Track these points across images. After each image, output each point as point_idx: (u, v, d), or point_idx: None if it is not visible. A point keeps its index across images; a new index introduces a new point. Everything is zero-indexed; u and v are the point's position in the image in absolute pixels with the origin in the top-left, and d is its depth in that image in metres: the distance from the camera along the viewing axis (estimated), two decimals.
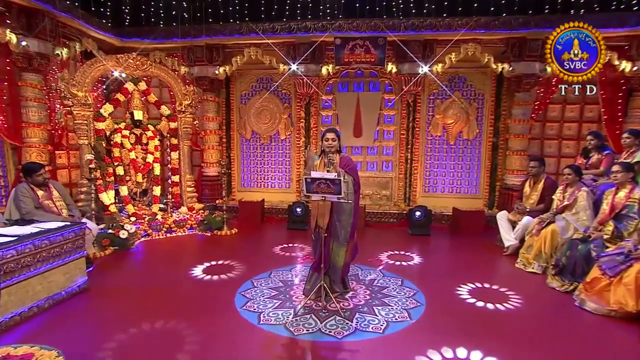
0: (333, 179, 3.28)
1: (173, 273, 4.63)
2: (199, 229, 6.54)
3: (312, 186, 3.35)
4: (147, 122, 6.79)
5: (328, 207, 3.52)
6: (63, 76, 5.77)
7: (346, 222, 3.54)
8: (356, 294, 4.08)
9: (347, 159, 3.62)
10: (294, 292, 4.12)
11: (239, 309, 3.72)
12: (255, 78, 8.03)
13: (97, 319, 3.51)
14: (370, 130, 7.70)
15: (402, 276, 4.63)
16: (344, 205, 3.52)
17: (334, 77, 7.68)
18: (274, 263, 4.98)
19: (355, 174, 3.62)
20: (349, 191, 3.53)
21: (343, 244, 3.61)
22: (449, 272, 4.83)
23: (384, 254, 5.47)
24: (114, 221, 5.72)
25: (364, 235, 6.52)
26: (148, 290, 4.13)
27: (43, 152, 6.06)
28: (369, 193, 7.91)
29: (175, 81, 6.93)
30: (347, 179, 3.50)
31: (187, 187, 7.15)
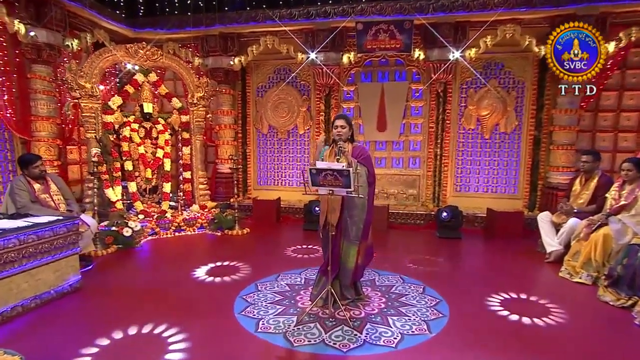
0: (341, 170, 3.04)
1: (174, 274, 4.53)
2: (209, 228, 6.43)
3: (318, 178, 3.14)
4: (157, 116, 6.74)
5: (338, 202, 3.33)
6: (70, 67, 5.79)
7: (358, 218, 3.34)
8: (370, 301, 3.78)
9: (360, 148, 3.43)
10: (300, 298, 3.87)
11: (237, 314, 3.51)
12: (273, 69, 7.89)
13: (82, 321, 3.38)
14: (396, 124, 7.38)
15: (424, 283, 4.26)
16: (355, 200, 3.31)
17: (356, 66, 7.41)
18: (284, 265, 4.78)
19: (370, 164, 3.42)
20: (362, 184, 3.31)
21: (354, 242, 3.40)
22: (479, 280, 4.42)
23: (405, 258, 5.15)
24: (120, 218, 5.65)
25: (386, 237, 6.31)
26: (144, 291, 4.03)
27: (52, 147, 6.12)
28: (394, 192, 7.56)
29: (187, 72, 6.85)
30: (359, 169, 3.28)
31: (199, 184, 7.05)
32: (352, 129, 3.42)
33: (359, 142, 3.57)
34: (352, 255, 3.43)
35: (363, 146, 3.47)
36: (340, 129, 3.36)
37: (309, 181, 3.17)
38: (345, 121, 3.39)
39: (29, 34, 5.57)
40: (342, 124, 3.37)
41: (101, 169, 5.83)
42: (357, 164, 3.25)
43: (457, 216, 6.37)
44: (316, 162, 3.22)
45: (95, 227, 4.84)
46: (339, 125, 3.36)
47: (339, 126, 3.36)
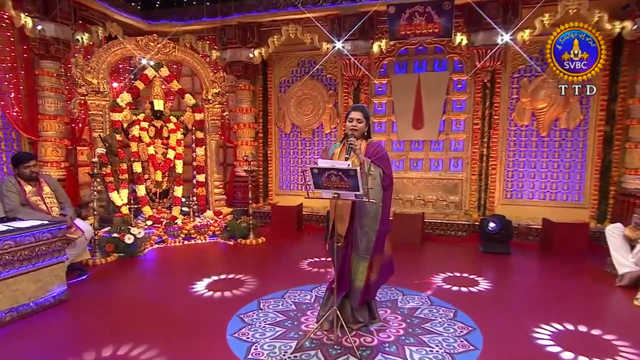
0: (347, 170, 2.79)
1: (172, 287, 4.43)
2: (222, 237, 6.33)
3: (320, 179, 2.91)
4: (169, 113, 6.72)
5: (347, 209, 3.12)
6: (77, 62, 5.89)
7: (370, 228, 3.09)
8: (387, 326, 3.41)
9: (376, 145, 3.19)
10: (305, 319, 3.58)
11: (229, 335, 3.27)
12: (296, 61, 7.76)
13: (58, 338, 3.27)
14: (435, 121, 6.99)
15: (457, 306, 3.83)
16: (367, 206, 3.05)
17: (389, 55, 7.12)
18: (295, 280, 4.55)
19: (386, 165, 3.15)
20: (375, 187, 3.04)
21: (364, 256, 3.14)
22: (526, 306, 3.91)
23: (439, 276, 4.76)
24: (124, 224, 5.62)
25: (419, 250, 5.98)
26: (135, 305, 3.93)
27: (59, 147, 6.23)
28: (433, 199, 7.13)
29: (202, 66, 6.82)
30: (372, 170, 3.03)
31: (214, 188, 6.99)
32: (369, 124, 3.23)
33: (375, 139, 3.32)
34: (361, 271, 3.18)
35: (379, 144, 3.26)
36: (356, 123, 3.15)
37: (310, 183, 2.96)
38: (362, 114, 3.18)
39: (36, 28, 5.70)
40: (358, 117, 3.16)
41: (106, 170, 5.83)
42: (370, 164, 3.02)
43: (506, 227, 5.83)
44: (318, 160, 3.00)
45: (90, 233, 4.79)
46: (355, 118, 3.15)
47: (355, 119, 3.14)
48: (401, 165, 7.29)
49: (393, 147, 7.31)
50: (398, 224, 6.19)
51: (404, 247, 5.92)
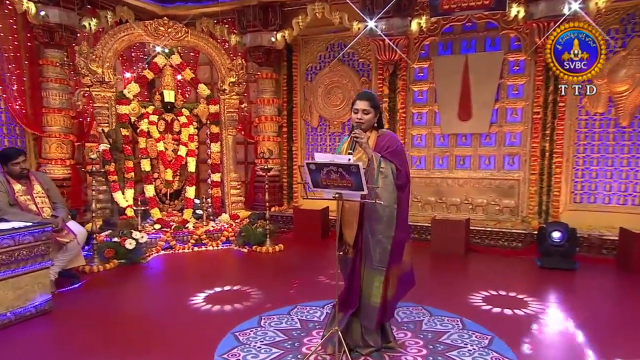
0: (347, 165, 2.66)
1: (170, 298, 4.43)
2: (236, 243, 6.28)
3: (319, 176, 2.81)
4: (180, 106, 6.76)
5: (355, 212, 3.02)
6: (81, 49, 6.01)
7: (383, 236, 2.94)
8: (403, 353, 3.17)
9: (388, 137, 3.07)
10: (309, 340, 3.43)
11: (217, 356, 3.17)
12: (324, 45, 7.68)
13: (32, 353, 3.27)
14: (485, 110, 6.66)
15: (495, 332, 3.49)
16: (378, 210, 2.91)
17: (431, 34, 6.84)
18: (307, 294, 4.39)
19: (401, 160, 3.00)
20: (386, 186, 2.90)
21: (379, 269, 2.98)
22: (590, 337, 3.50)
23: (479, 294, 4.43)
24: (129, 228, 5.68)
25: (462, 263, 5.70)
26: (125, 319, 3.94)
27: (64, 143, 6.42)
28: (483, 202, 6.76)
29: (218, 52, 6.82)
30: (383, 167, 2.90)
31: (231, 188, 6.97)
32: (379, 113, 3.13)
33: (387, 130, 3.18)
34: (376, 287, 3.01)
35: (392, 135, 3.12)
36: (361, 115, 3.03)
37: (308, 181, 2.89)
38: (369, 103, 3.05)
39: (39, 13, 5.89)
40: (364, 107, 3.03)
41: (109, 168, 5.92)
42: (380, 159, 2.90)
43: (572, 238, 5.35)
44: (315, 154, 2.92)
45: (84, 236, 4.84)
46: (360, 108, 3.03)
47: (360, 110, 3.03)
48: (445, 164, 7.02)
49: (436, 142, 7.06)
50: (438, 232, 5.98)
51: (443, 259, 5.72)
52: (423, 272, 5.31)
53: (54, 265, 4.42)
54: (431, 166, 7.07)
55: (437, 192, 7.03)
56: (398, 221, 2.95)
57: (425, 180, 7.10)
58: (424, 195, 7.11)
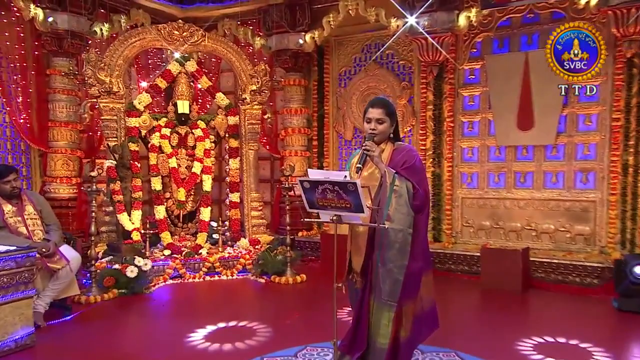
0: (343, 183, 2.65)
1: (167, 335, 4.41)
2: (253, 272, 6.21)
3: (314, 195, 2.83)
4: (196, 117, 6.79)
5: (364, 236, 3.03)
6: (89, 57, 6.15)
7: (395, 265, 2.90)
8: None
9: (405, 151, 3.04)
10: None
11: None
12: (359, 46, 7.65)
13: None
14: (551, 117, 6.28)
15: None
16: (390, 235, 2.85)
17: (484, 30, 6.55)
18: (321, 333, 4.16)
19: (419, 177, 2.98)
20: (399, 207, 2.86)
21: (389, 304, 2.93)
22: None
23: (531, 340, 4.15)
24: (134, 253, 5.66)
25: (517, 302, 5.40)
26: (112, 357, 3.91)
27: (71, 160, 6.57)
28: (549, 229, 6.37)
29: (238, 57, 6.86)
30: (397, 185, 2.87)
31: (251, 210, 6.92)
32: (395, 122, 3.08)
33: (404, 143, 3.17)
34: (384, 324, 2.96)
35: (411, 149, 3.11)
36: (375, 124, 2.99)
37: (303, 200, 2.94)
38: (383, 111, 3.00)
39: (47, 20, 6.09)
40: (378, 116, 2.99)
41: (114, 187, 5.96)
42: (394, 176, 2.87)
43: None
44: (308, 170, 3.01)
45: (77, 263, 4.82)
46: (374, 117, 2.99)
47: (374, 119, 2.99)
48: (502, 182, 6.64)
49: (490, 155, 6.72)
50: (488, 264, 5.71)
51: (494, 297, 5.47)
52: (465, 310, 5.19)
53: (45, 295, 4.45)
54: (485, 185, 6.73)
55: (493, 216, 6.67)
56: (414, 249, 2.89)
57: (479, 202, 6.76)
58: (476, 219, 6.76)
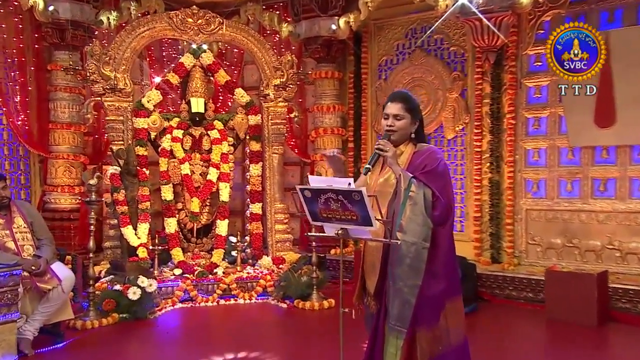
0: (348, 192, 2.67)
1: None
2: (274, 296, 6.19)
3: (316, 205, 2.86)
4: (212, 117, 6.82)
5: (378, 252, 3.06)
6: (92, 50, 6.24)
7: (405, 283, 2.90)
8: None
9: (427, 154, 3.04)
10: None
11: None
12: (403, 31, 7.62)
13: None
14: (637, 111, 6.00)
15: None
16: (401, 249, 2.85)
17: (553, 6, 6.35)
18: None
19: (441, 185, 2.95)
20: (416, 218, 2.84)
21: (396, 329, 2.93)
22: None
23: None
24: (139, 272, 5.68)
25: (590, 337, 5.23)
26: None
27: (74, 166, 6.70)
28: (636, 248, 6.07)
29: (260, 47, 6.87)
30: (414, 191, 2.85)
31: (275, 222, 6.90)
32: (418, 120, 3.08)
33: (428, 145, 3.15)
34: (391, 353, 2.95)
35: (434, 151, 3.09)
36: (392, 120, 3.01)
37: (306, 211, 2.93)
38: (403, 105, 3.01)
39: (48, 8, 6.25)
40: (396, 112, 3.00)
41: (118, 197, 6.02)
42: (411, 180, 2.84)
43: None
44: (309, 177, 3.08)
45: (71, 283, 4.84)
46: (392, 113, 3.01)
47: (392, 115, 3.01)
48: (576, 190, 6.42)
49: (561, 158, 6.53)
50: (555, 290, 5.53)
51: (561, 330, 5.32)
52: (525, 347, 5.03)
53: (34, 319, 4.49)
54: (555, 194, 6.50)
55: (566, 232, 6.42)
56: (433, 267, 2.86)
57: (547, 215, 6.52)
58: (545, 235, 6.52)
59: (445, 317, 2.92)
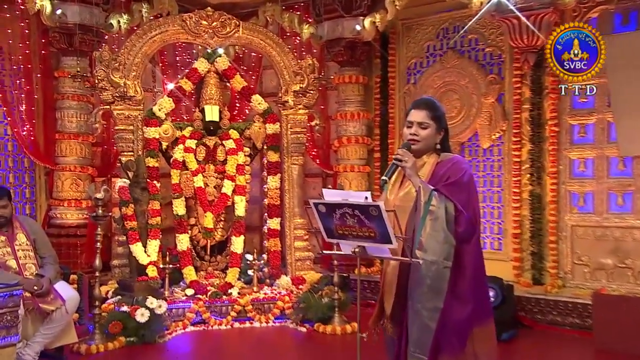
0: (365, 206, 2.70)
1: None
2: (293, 319, 6.14)
3: (332, 222, 2.90)
4: (228, 126, 6.83)
5: (395, 271, 3.09)
6: (101, 56, 6.31)
7: (423, 306, 2.89)
8: None
9: (452, 164, 3.06)
10: None
11: None
12: (434, 31, 7.62)
13: None
14: None
15: None
16: (422, 270, 2.86)
17: (601, 1, 6.40)
18: None
19: (466, 198, 2.96)
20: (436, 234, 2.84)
21: (417, 356, 2.92)
22: None
23: None
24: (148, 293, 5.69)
25: None
26: None
27: (81, 179, 6.77)
28: None
29: (279, 50, 6.91)
30: (434, 205, 2.85)
31: (295, 239, 6.88)
32: (443, 129, 3.11)
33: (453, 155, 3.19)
34: None
35: (459, 161, 3.11)
36: (416, 129, 3.03)
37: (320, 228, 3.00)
38: (427, 113, 3.05)
39: (55, 13, 6.36)
40: (420, 119, 3.03)
41: (126, 211, 6.05)
42: (431, 193, 2.84)
43: None
44: (323, 191, 3.08)
45: (75, 303, 4.86)
46: (415, 120, 3.04)
47: (415, 123, 3.04)
48: (629, 205, 6.29)
49: (611, 169, 6.41)
50: (604, 316, 5.37)
51: None
52: None
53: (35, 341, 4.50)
54: (604, 208, 6.37)
55: (617, 251, 6.27)
56: (457, 288, 2.86)
57: (595, 232, 6.38)
58: (593, 254, 6.37)
59: (473, 344, 2.88)
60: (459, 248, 2.82)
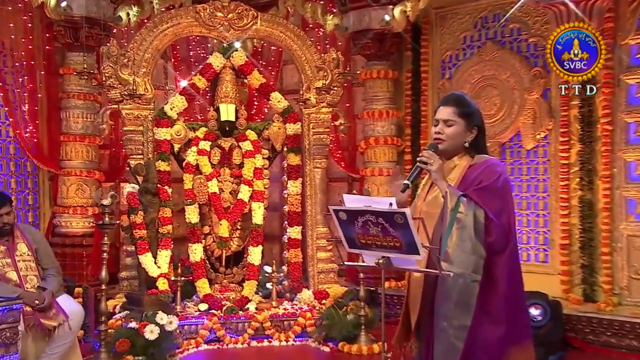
0: (389, 213, 2.67)
1: None
2: (315, 337, 6.12)
3: (353, 230, 2.89)
4: (245, 127, 6.80)
5: (419, 282, 3.11)
6: (109, 51, 6.30)
7: (449, 324, 2.89)
8: None
9: (485, 167, 3.04)
10: None
11: None
12: (472, 20, 7.54)
13: None
14: None
15: None
16: (447, 283, 2.87)
17: None
18: None
19: (498, 205, 2.93)
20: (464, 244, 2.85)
21: None
22: None
23: None
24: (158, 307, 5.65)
25: None
26: None
27: (87, 184, 6.78)
28: None
29: (301, 43, 6.87)
30: (462, 212, 2.85)
31: (317, 250, 6.83)
32: (475, 127, 3.09)
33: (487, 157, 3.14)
34: None
35: (493, 163, 3.09)
36: (442, 127, 3.04)
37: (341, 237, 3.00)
38: (455, 110, 3.04)
39: (60, 5, 6.39)
40: (446, 116, 3.03)
41: (135, 219, 6.02)
42: (459, 199, 2.85)
43: None
44: (344, 196, 3.09)
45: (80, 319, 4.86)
46: (441, 118, 3.06)
47: (441, 120, 3.05)
48: None
49: None
50: None
51: None
52: None
53: None
54: None
55: None
56: (489, 306, 2.85)
57: None
58: None
59: None
60: (490, 260, 2.80)
